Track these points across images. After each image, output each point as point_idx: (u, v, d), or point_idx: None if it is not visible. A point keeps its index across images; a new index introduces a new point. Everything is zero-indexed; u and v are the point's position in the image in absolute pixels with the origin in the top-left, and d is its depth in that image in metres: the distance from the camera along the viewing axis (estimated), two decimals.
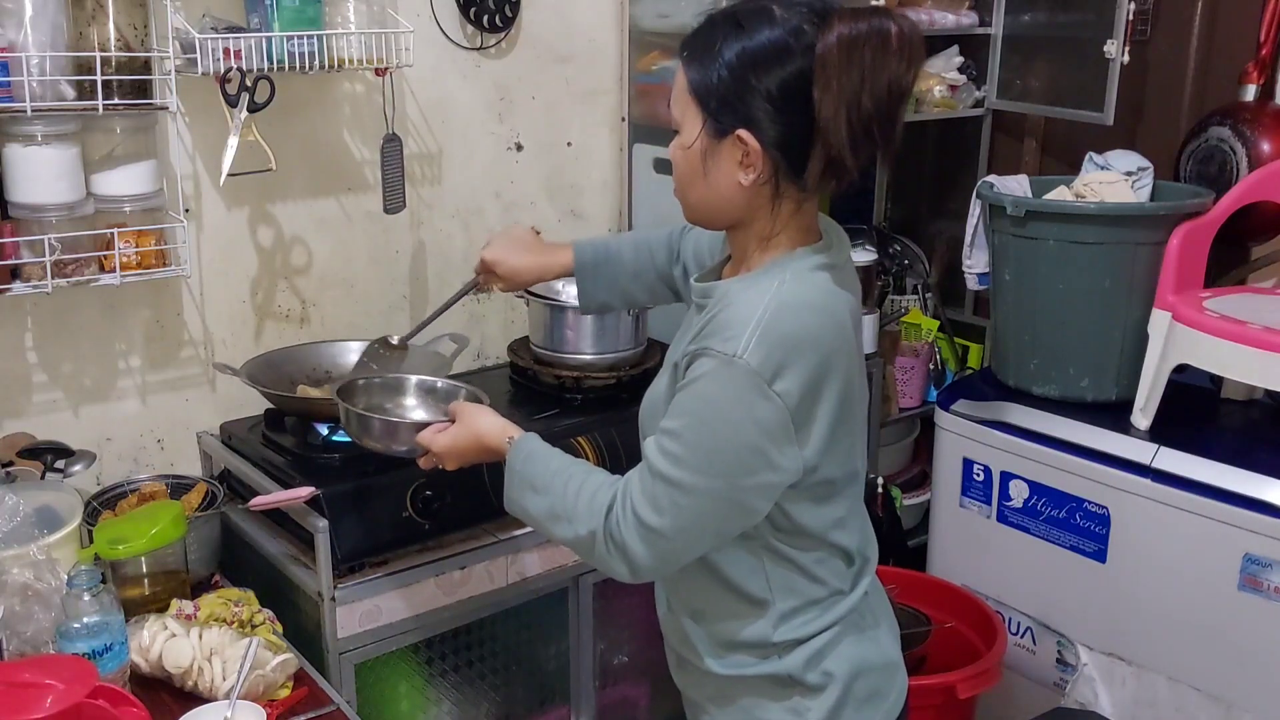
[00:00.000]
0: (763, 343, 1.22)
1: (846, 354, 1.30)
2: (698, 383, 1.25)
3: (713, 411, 1.24)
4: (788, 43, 1.21)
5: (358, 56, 2.03)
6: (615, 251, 1.74)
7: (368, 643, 1.81)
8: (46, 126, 1.74)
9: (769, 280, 1.29)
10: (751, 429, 1.23)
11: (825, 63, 1.19)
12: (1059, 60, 2.74)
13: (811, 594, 1.38)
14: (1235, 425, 2.32)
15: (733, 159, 1.28)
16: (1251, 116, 2.43)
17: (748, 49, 1.23)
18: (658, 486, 1.27)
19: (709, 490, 1.25)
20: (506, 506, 1.44)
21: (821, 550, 1.37)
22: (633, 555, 1.29)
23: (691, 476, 1.25)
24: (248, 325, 2.17)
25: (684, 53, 1.30)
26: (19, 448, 1.84)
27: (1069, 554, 2.31)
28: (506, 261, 1.76)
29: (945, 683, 2.20)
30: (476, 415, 1.52)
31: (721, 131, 1.27)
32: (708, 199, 1.33)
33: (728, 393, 1.23)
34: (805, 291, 1.28)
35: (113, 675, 1.48)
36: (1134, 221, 2.27)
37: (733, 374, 1.22)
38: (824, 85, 1.19)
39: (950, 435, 2.53)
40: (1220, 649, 2.08)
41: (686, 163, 1.32)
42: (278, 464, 1.93)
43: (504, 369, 2.43)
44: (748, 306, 1.26)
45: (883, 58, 1.19)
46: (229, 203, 2.10)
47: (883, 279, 3.02)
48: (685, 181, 1.34)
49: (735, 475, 1.25)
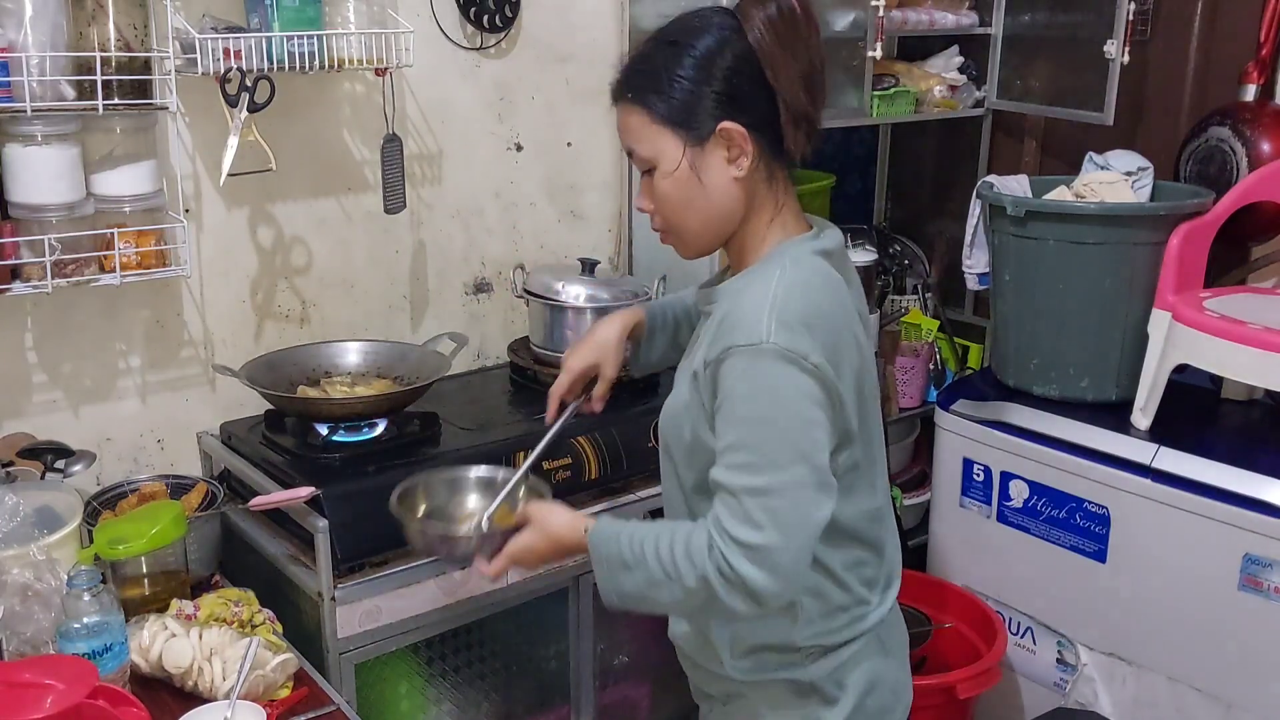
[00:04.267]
0: (783, 323, 1.25)
1: (854, 334, 1.34)
2: (737, 385, 1.26)
3: (763, 403, 1.25)
4: (723, 36, 1.31)
5: (358, 56, 2.03)
6: (670, 312, 1.70)
7: (368, 643, 1.81)
8: (46, 126, 1.74)
9: (770, 269, 1.32)
10: (805, 403, 1.25)
11: (763, 45, 1.30)
12: (1059, 60, 2.74)
13: (837, 600, 1.39)
14: (1235, 425, 2.32)
15: (721, 159, 1.33)
16: (1251, 116, 2.43)
17: (696, 57, 1.31)
18: (746, 503, 1.24)
19: (794, 480, 1.24)
20: (605, 600, 1.36)
21: (853, 548, 1.39)
22: (752, 583, 1.24)
23: (773, 476, 1.24)
24: (248, 325, 2.17)
25: (628, 95, 1.35)
26: (19, 448, 1.84)
27: (1069, 554, 2.31)
28: (608, 360, 1.60)
29: (945, 683, 2.20)
30: (548, 516, 1.43)
31: (703, 137, 1.32)
32: (708, 212, 1.36)
33: (768, 378, 1.24)
34: (805, 274, 1.32)
35: (113, 675, 1.48)
36: (1134, 221, 2.27)
37: (765, 359, 1.24)
38: (771, 63, 1.30)
39: (950, 435, 2.53)
40: (1220, 649, 2.08)
41: (678, 187, 1.35)
42: (278, 464, 1.93)
43: (504, 369, 2.43)
44: (756, 296, 1.29)
45: (799, 30, 1.32)
46: (229, 203, 2.10)
47: (883, 279, 3.02)
48: (681, 206, 1.36)
49: (810, 453, 1.25)
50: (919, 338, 2.92)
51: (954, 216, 3.00)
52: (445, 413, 2.11)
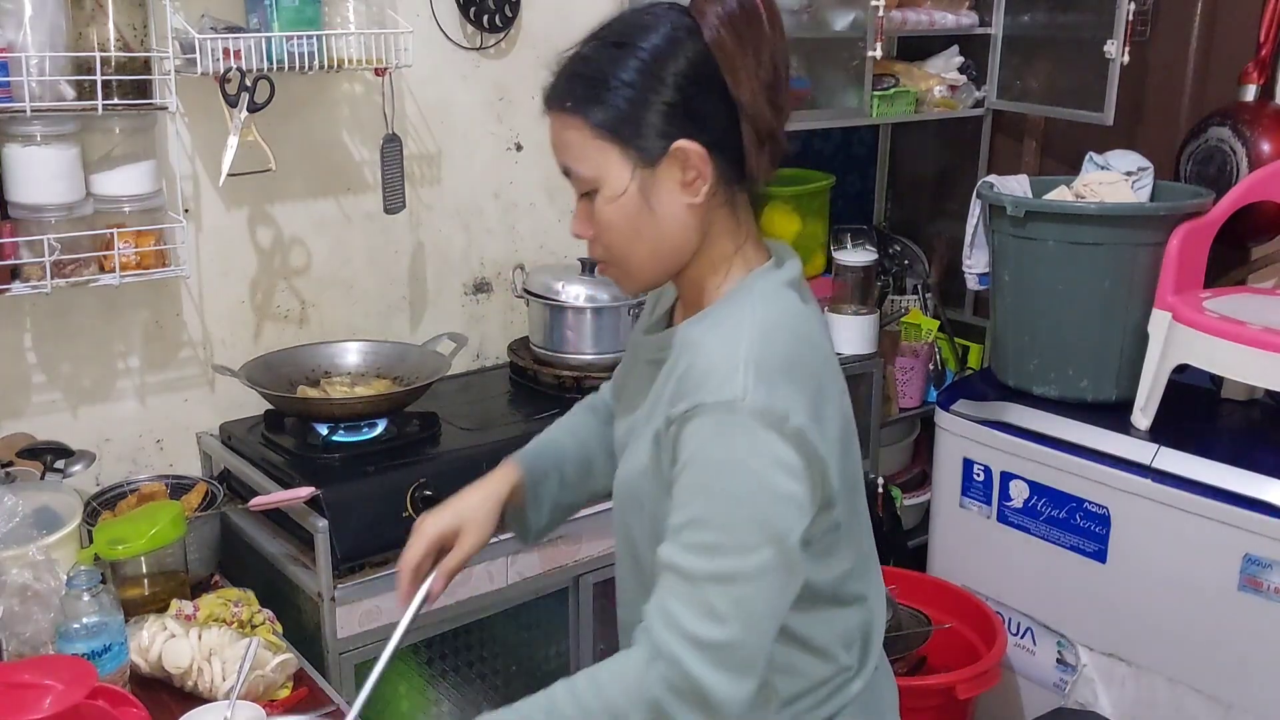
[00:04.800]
0: (762, 374, 1.07)
1: (833, 375, 1.19)
2: (703, 450, 1.07)
3: (733, 475, 1.06)
4: (675, 36, 1.13)
5: (357, 56, 2.03)
6: (555, 453, 1.45)
7: (368, 643, 1.80)
8: (46, 126, 1.74)
9: (738, 308, 1.15)
10: (781, 476, 1.07)
11: (722, 47, 1.12)
12: (1059, 60, 2.74)
13: (816, 673, 1.22)
14: (1235, 425, 2.32)
15: (674, 181, 1.14)
16: (1251, 116, 2.43)
17: (645, 60, 1.13)
18: (708, 592, 1.06)
19: (763, 565, 1.06)
20: None
21: (831, 610, 1.21)
22: (712, 691, 1.05)
23: (741, 560, 1.06)
24: (247, 325, 2.17)
25: (565, 104, 1.16)
26: (18, 448, 1.84)
27: (1069, 554, 2.31)
28: (469, 529, 1.37)
29: (945, 683, 2.20)
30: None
31: (653, 156, 1.13)
32: (659, 243, 1.17)
33: (742, 444, 1.06)
34: (779, 314, 1.15)
35: (112, 676, 1.48)
36: (1134, 222, 2.27)
37: (740, 421, 1.06)
38: (731, 68, 1.12)
39: (950, 435, 2.53)
40: (1220, 649, 2.08)
41: (623, 214, 1.15)
42: (277, 464, 1.93)
43: (504, 369, 2.43)
44: (726, 343, 1.10)
45: (762, 30, 1.13)
46: (228, 203, 2.10)
47: (883, 279, 3.02)
48: (629, 235, 1.17)
49: (781, 534, 1.07)
50: (919, 338, 2.92)
51: (954, 216, 3.00)
52: (445, 413, 2.11)
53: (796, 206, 2.80)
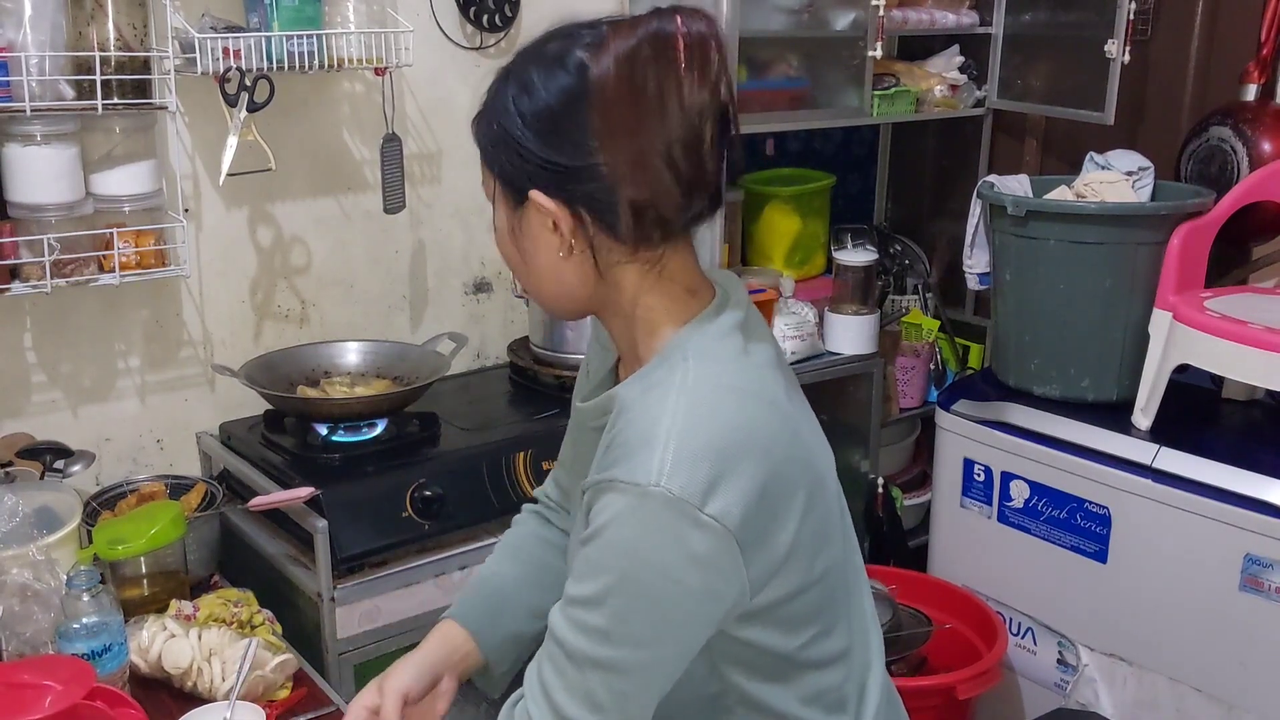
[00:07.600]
0: (682, 458, 0.94)
1: (798, 442, 1.03)
2: (609, 529, 0.95)
3: (636, 563, 0.95)
4: (564, 65, 0.97)
5: (357, 56, 2.03)
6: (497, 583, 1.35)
7: (368, 643, 1.80)
8: (46, 126, 1.74)
9: (667, 372, 1.01)
10: (689, 568, 0.94)
11: (602, 95, 0.94)
12: (1059, 60, 2.73)
13: None
14: (1236, 425, 2.32)
15: (543, 227, 1.02)
16: (1252, 116, 2.42)
17: (516, 90, 1.00)
18: (589, 678, 0.97)
19: (653, 661, 0.97)
20: None
21: (801, 674, 1.08)
22: None
23: (630, 653, 0.96)
24: (247, 325, 2.17)
25: (472, 120, 1.07)
26: (18, 448, 1.84)
27: (1070, 554, 2.31)
28: None
29: (945, 683, 2.20)
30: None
31: (517, 199, 1.02)
32: (542, 285, 1.07)
33: (651, 534, 0.94)
34: (718, 373, 1.00)
35: (112, 676, 1.48)
36: (1135, 221, 2.27)
37: (651, 509, 0.93)
38: (602, 128, 0.95)
39: (951, 435, 2.53)
40: (1221, 649, 2.08)
41: (506, 248, 1.08)
42: (277, 464, 1.93)
43: (504, 369, 2.42)
44: (649, 415, 0.98)
45: (667, 75, 0.94)
46: (228, 203, 2.10)
47: (883, 279, 3.02)
48: (517, 268, 1.10)
49: (681, 630, 0.97)
50: (919, 338, 2.91)
51: (954, 216, 3.00)
52: (445, 413, 2.11)
53: (796, 206, 2.80)
